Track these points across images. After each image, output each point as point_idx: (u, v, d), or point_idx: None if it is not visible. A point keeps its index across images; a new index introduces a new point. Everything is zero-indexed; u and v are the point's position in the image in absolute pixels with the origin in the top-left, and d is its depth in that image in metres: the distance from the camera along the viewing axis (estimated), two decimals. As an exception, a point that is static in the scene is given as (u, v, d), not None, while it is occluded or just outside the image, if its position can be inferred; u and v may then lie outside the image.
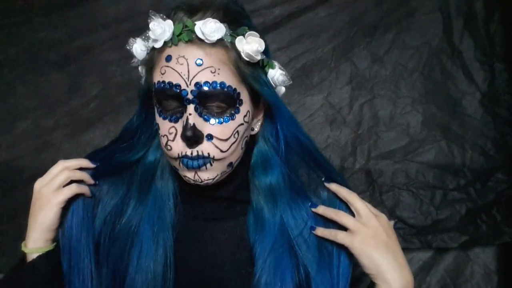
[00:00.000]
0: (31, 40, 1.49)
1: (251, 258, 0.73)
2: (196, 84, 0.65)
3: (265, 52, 0.71)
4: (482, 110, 1.51)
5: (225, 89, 0.66)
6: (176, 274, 0.73)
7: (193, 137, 0.65)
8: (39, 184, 0.74)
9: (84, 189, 0.75)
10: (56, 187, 0.72)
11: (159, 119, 0.71)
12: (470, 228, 1.48)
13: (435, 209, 1.48)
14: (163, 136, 0.70)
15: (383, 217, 0.75)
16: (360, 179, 1.49)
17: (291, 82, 0.74)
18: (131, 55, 0.75)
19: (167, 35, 0.67)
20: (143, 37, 0.71)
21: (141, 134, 0.80)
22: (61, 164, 0.74)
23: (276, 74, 0.73)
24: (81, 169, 0.76)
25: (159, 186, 0.78)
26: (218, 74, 0.66)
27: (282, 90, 0.78)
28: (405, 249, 1.50)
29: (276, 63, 0.73)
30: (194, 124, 0.66)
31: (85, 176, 0.76)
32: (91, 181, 0.77)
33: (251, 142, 0.77)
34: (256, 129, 0.76)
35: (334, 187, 0.78)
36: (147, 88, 0.74)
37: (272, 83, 0.73)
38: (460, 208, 1.48)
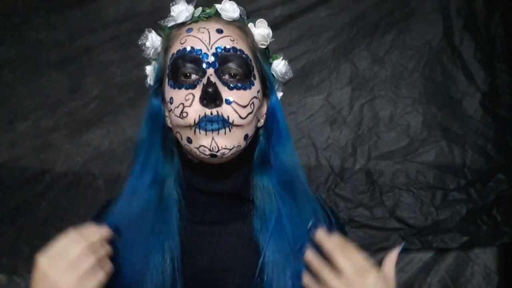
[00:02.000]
0: (31, 41, 1.49)
1: (259, 259, 0.71)
2: (217, 47, 0.68)
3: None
4: (482, 110, 1.51)
5: (243, 55, 0.70)
6: (185, 282, 0.70)
7: (214, 93, 0.64)
8: (50, 267, 0.58)
9: (109, 270, 0.62)
10: (78, 278, 0.57)
11: (172, 92, 0.69)
12: (471, 229, 1.48)
13: (435, 210, 1.48)
14: (178, 107, 0.67)
15: (373, 276, 0.63)
16: (360, 180, 1.49)
17: (292, 75, 0.79)
18: (141, 50, 0.77)
19: (188, 14, 0.72)
20: (162, 21, 0.75)
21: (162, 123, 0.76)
22: (81, 243, 0.59)
23: (280, 64, 0.77)
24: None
25: (164, 194, 0.74)
26: (237, 42, 0.70)
27: (279, 94, 0.81)
28: (406, 250, 1.52)
29: (280, 55, 0.78)
30: (215, 82, 0.66)
31: (108, 250, 0.63)
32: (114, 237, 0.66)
33: (254, 138, 0.76)
34: (262, 120, 0.77)
35: (320, 237, 0.67)
36: (161, 71, 0.74)
37: (278, 72, 0.77)
38: (461, 208, 1.48)
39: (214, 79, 0.66)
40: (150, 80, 0.78)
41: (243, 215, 0.75)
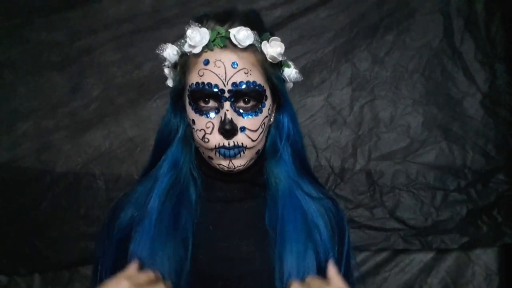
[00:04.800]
0: (32, 41, 1.49)
1: (271, 232, 0.81)
2: (233, 84, 0.75)
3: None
4: (483, 111, 1.51)
5: (256, 87, 0.77)
6: (203, 251, 0.79)
7: (231, 130, 0.75)
8: None
9: None
10: None
11: (194, 116, 0.78)
12: (471, 229, 1.48)
13: (435, 210, 1.48)
14: (200, 131, 0.77)
15: None
16: (360, 180, 1.49)
17: (302, 78, 0.86)
18: (161, 59, 0.83)
19: (204, 42, 0.76)
20: (178, 43, 0.80)
21: (180, 128, 0.85)
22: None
23: (292, 73, 0.84)
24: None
25: (181, 179, 0.84)
26: (250, 74, 0.76)
27: (290, 85, 0.89)
28: (406, 251, 1.52)
29: (291, 63, 0.85)
30: (231, 118, 0.75)
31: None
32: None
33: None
34: (272, 119, 0.86)
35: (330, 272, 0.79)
36: (181, 88, 0.81)
37: (288, 80, 0.85)
38: (461, 209, 1.48)
39: (230, 114, 0.75)
40: (169, 82, 0.86)
41: (256, 195, 0.85)
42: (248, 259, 0.80)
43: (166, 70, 0.86)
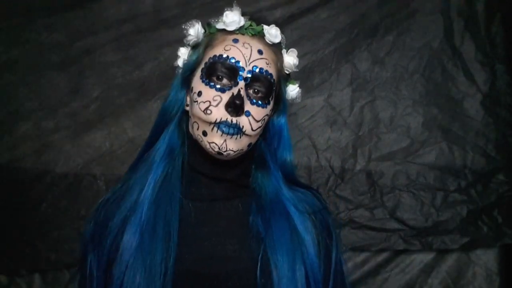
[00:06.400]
0: (32, 42, 1.49)
1: (255, 233, 0.82)
2: (254, 66, 0.80)
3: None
4: (483, 111, 1.51)
5: (271, 80, 0.82)
6: (187, 251, 0.79)
7: (240, 105, 0.77)
8: None
9: None
10: None
11: (204, 88, 0.80)
12: (471, 230, 1.48)
13: (436, 211, 1.48)
14: (204, 102, 0.78)
15: None
16: (361, 181, 1.49)
17: (299, 101, 0.93)
18: (186, 35, 0.86)
19: (239, 25, 0.83)
20: (212, 20, 0.86)
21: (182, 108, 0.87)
22: None
23: (295, 90, 0.91)
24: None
25: (172, 170, 0.84)
26: (270, 66, 0.82)
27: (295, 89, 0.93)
28: (406, 251, 1.52)
29: (297, 82, 0.92)
30: (243, 96, 0.78)
31: None
32: None
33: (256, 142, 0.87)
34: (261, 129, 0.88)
35: None
36: (195, 65, 0.84)
37: (287, 94, 0.91)
38: (461, 209, 1.48)
39: (242, 92, 0.78)
40: (180, 62, 0.89)
41: (241, 195, 0.86)
42: (233, 258, 0.80)
43: (183, 50, 0.89)
